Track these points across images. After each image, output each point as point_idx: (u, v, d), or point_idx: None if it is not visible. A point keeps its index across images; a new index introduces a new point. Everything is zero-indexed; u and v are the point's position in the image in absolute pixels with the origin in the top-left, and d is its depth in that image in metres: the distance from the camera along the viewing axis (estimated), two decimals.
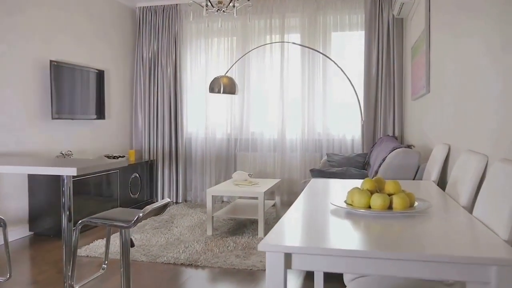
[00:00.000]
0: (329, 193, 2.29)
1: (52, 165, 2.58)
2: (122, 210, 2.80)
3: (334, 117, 5.98)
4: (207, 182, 6.38)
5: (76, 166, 2.48)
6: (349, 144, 5.94)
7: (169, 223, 5.01)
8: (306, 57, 6.01)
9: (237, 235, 4.47)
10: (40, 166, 2.50)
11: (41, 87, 4.80)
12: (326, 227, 1.57)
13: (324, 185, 2.59)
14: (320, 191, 2.36)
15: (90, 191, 4.89)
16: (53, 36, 4.98)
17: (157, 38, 6.40)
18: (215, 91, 5.18)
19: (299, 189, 6.04)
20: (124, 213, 2.71)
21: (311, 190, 2.39)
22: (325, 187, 2.50)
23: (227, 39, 6.34)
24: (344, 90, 5.93)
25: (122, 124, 6.34)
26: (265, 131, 6.20)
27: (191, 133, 6.49)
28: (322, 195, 2.23)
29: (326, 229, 1.55)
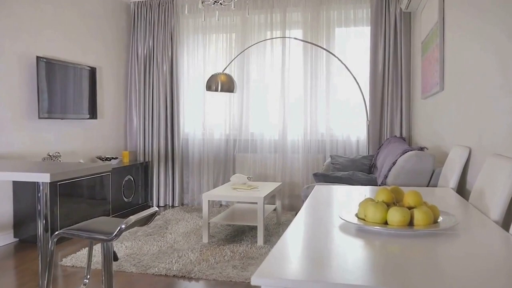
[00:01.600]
0: (335, 203, 2.00)
1: (24, 170, 2.30)
2: (106, 220, 2.52)
3: (338, 117, 5.69)
4: (205, 185, 6.10)
5: (51, 172, 2.19)
6: (354, 145, 5.65)
7: (163, 229, 4.73)
8: (309, 54, 5.72)
9: (235, 243, 4.18)
10: (8, 172, 2.21)
11: (27, 85, 4.52)
12: (334, 250, 1.28)
13: (330, 193, 2.30)
14: (325, 201, 2.07)
15: (80, 195, 4.61)
16: (41, 31, 4.70)
17: (153, 34, 6.12)
18: (213, 89, 4.90)
19: (301, 193, 5.75)
20: (107, 224, 2.42)
21: (315, 199, 2.11)
22: (330, 195, 2.22)
23: (226, 35, 6.06)
24: (348, 89, 5.64)
25: (115, 124, 6.06)
26: (265, 132, 5.91)
27: (188, 134, 6.20)
28: (327, 206, 1.94)
29: (334, 252, 1.26)
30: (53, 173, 2.17)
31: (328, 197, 2.19)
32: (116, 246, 4.06)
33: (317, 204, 1.99)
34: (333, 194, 2.27)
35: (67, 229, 2.32)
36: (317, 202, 2.04)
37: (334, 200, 2.09)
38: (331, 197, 2.19)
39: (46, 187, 2.50)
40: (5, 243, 4.30)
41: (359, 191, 2.37)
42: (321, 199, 2.11)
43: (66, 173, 2.25)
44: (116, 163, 5.57)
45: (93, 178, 4.83)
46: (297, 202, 5.78)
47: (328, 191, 2.35)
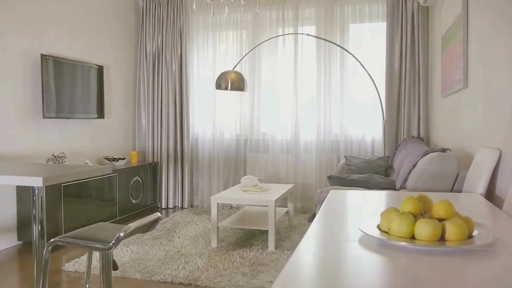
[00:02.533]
0: (353, 211, 1.81)
1: (18, 173, 2.15)
2: (105, 227, 2.35)
3: (352, 116, 5.48)
4: (215, 186, 5.93)
5: (45, 175, 2.03)
6: (369, 146, 5.43)
7: (171, 232, 4.56)
8: (322, 51, 5.52)
9: (245, 248, 4.00)
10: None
11: (31, 84, 4.39)
12: (353, 269, 1.09)
13: (346, 199, 2.11)
14: (342, 208, 1.88)
15: (86, 196, 4.47)
16: (46, 29, 4.56)
17: (161, 31, 5.96)
18: (222, 87, 4.72)
19: (314, 197, 5.55)
20: (105, 231, 2.26)
21: (330, 207, 1.92)
22: (347, 202, 2.02)
23: (236, 32, 5.88)
24: (363, 87, 5.43)
25: (124, 124, 5.92)
26: (277, 132, 5.72)
27: (197, 133, 6.04)
28: (344, 215, 1.75)
29: (352, 272, 1.07)
30: (46, 177, 2.01)
31: (345, 203, 1.99)
32: (121, 250, 3.90)
33: (332, 213, 1.80)
34: (350, 200, 2.08)
35: (62, 236, 2.17)
36: (333, 210, 1.85)
37: (351, 208, 1.90)
38: (347, 203, 2.00)
39: (42, 191, 2.34)
40: (8, 246, 4.17)
41: (378, 196, 2.18)
42: (336, 206, 1.92)
43: (61, 176, 2.09)
44: (124, 163, 5.43)
45: (100, 179, 4.69)
46: (310, 204, 5.59)
47: (344, 197, 2.16)
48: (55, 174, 2.08)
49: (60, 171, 2.17)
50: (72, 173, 2.16)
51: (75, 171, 2.20)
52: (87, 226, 3.90)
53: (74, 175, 2.17)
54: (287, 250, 3.91)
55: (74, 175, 2.17)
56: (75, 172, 2.19)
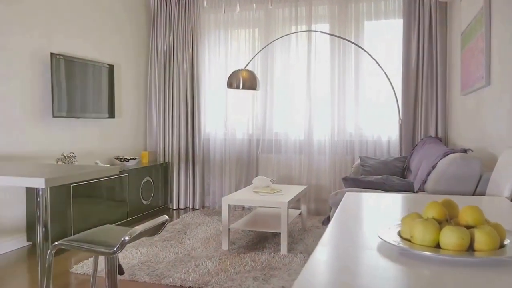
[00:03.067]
0: (371, 215, 1.69)
1: (20, 174, 2.07)
2: (110, 230, 2.27)
3: (367, 116, 5.34)
4: (226, 187, 5.83)
5: (47, 176, 1.95)
6: (384, 146, 5.29)
7: (182, 234, 4.48)
8: (336, 49, 5.39)
9: (257, 251, 3.90)
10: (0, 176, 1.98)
11: (40, 83, 4.33)
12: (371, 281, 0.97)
13: (362, 202, 1.99)
14: (358, 212, 1.76)
15: (96, 197, 4.40)
16: (55, 27, 4.51)
17: (173, 30, 5.89)
18: (234, 86, 4.62)
19: (328, 198, 5.42)
20: (111, 234, 2.17)
21: (345, 210, 1.80)
22: (364, 205, 1.91)
23: (248, 30, 5.78)
24: (379, 86, 5.29)
25: (135, 124, 5.85)
26: (290, 131, 5.61)
27: (209, 133, 5.95)
28: (361, 219, 1.63)
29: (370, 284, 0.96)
30: (49, 178, 1.93)
31: (361, 207, 1.88)
32: (130, 252, 3.83)
33: (348, 217, 1.68)
34: (367, 203, 1.96)
35: (66, 240, 2.08)
36: (348, 214, 1.73)
37: (368, 212, 1.78)
38: (364, 207, 1.88)
39: (46, 192, 2.27)
40: (18, 246, 4.12)
41: (396, 199, 2.06)
42: (352, 210, 1.81)
43: (64, 177, 2.00)
44: (135, 163, 5.36)
45: (110, 179, 4.62)
46: (324, 206, 5.46)
47: (360, 200, 2.04)
48: (59, 175, 2.00)
49: (65, 172, 2.09)
50: (76, 174, 2.07)
51: (79, 172, 2.11)
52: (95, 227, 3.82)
53: (78, 176, 2.09)
54: (300, 254, 3.80)
55: (78, 176, 2.09)
56: (80, 173, 2.10)
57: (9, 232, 4.05)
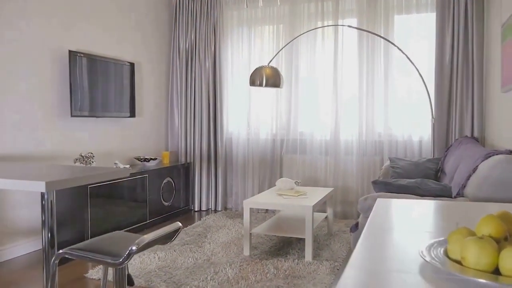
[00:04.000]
0: (407, 227, 1.46)
1: (21, 177, 1.92)
2: (119, 237, 2.10)
3: (398, 115, 5.07)
4: (249, 189, 5.64)
5: (46, 180, 1.79)
6: (415, 146, 5.01)
7: (202, 238, 4.31)
8: (364, 45, 5.14)
9: (280, 257, 3.69)
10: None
11: (58, 81, 4.23)
12: None
13: (397, 209, 1.77)
14: (393, 222, 1.54)
15: (114, 198, 4.28)
16: (74, 23, 4.40)
17: (195, 27, 5.73)
18: (257, 83, 4.43)
19: (355, 200, 5.17)
20: (119, 242, 2.00)
21: (378, 220, 1.58)
22: (398, 214, 1.68)
23: (272, 27, 5.57)
24: (410, 83, 5.01)
25: (156, 123, 5.72)
26: (315, 131, 5.38)
27: (232, 133, 5.77)
28: (397, 231, 1.41)
29: None
30: (50, 182, 1.77)
31: (396, 216, 1.65)
32: (148, 256, 3.67)
33: (381, 229, 1.46)
34: (401, 211, 1.74)
35: (71, 248, 1.93)
36: (381, 226, 1.51)
37: (404, 222, 1.56)
38: (399, 216, 1.65)
39: (52, 195, 2.12)
40: (34, 249, 4.03)
41: (435, 207, 1.82)
42: (386, 220, 1.59)
43: (67, 181, 1.84)
44: (155, 164, 5.22)
45: (129, 180, 4.49)
46: (351, 209, 5.21)
47: (394, 207, 1.81)
48: (63, 177, 1.84)
49: (71, 175, 1.93)
50: (81, 177, 1.91)
51: (85, 175, 1.95)
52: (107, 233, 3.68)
53: (83, 179, 1.93)
54: (325, 261, 3.57)
55: (83, 179, 1.93)
56: (85, 176, 1.94)
57: (25, 234, 3.95)
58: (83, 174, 1.98)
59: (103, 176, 2.05)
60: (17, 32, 3.82)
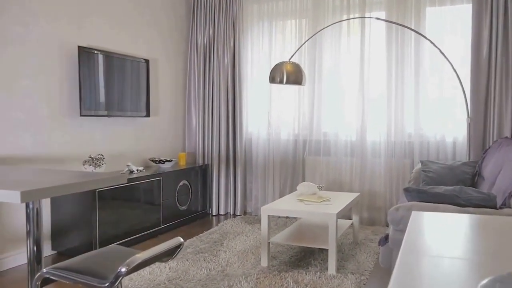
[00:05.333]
0: (455, 251, 1.14)
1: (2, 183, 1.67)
2: (114, 254, 1.84)
3: (429, 114, 4.70)
4: (270, 192, 5.35)
5: (23, 189, 1.54)
6: (449, 148, 4.63)
7: (218, 245, 4.04)
8: (394, 39, 4.78)
9: (301, 269, 3.39)
10: None
11: (67, 78, 4.02)
12: None
13: (436, 225, 1.45)
14: (435, 242, 1.22)
15: (125, 202, 4.04)
16: (84, 18, 4.19)
17: (213, 22, 5.47)
18: (277, 80, 4.13)
19: (383, 206, 4.82)
20: (111, 260, 1.74)
21: (417, 240, 1.26)
22: (440, 231, 1.36)
23: (295, 21, 5.27)
24: (443, 79, 4.63)
25: (172, 123, 5.48)
26: (340, 131, 5.04)
27: (251, 133, 5.49)
28: (441, 256, 1.09)
29: None
30: (26, 191, 1.52)
31: (436, 234, 1.33)
32: (158, 266, 3.42)
33: (420, 252, 1.15)
34: (444, 227, 1.42)
35: (54, 267, 1.67)
36: (420, 247, 1.20)
37: (449, 243, 1.24)
38: (442, 234, 1.33)
39: (38, 203, 1.87)
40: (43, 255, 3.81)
41: (484, 222, 1.49)
42: (426, 240, 1.27)
43: (49, 190, 1.58)
44: (171, 166, 4.98)
45: (142, 182, 4.25)
46: (378, 215, 4.86)
47: (433, 222, 1.49)
48: (44, 186, 1.58)
49: (56, 182, 1.68)
50: (67, 186, 1.65)
51: (74, 183, 1.69)
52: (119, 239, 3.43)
53: (70, 187, 1.67)
54: (351, 274, 3.25)
55: (70, 187, 1.67)
56: (72, 184, 1.68)
57: None
58: (70, 181, 1.72)
59: (93, 184, 1.79)
60: (23, 27, 3.62)
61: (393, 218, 2.31)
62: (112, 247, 1.94)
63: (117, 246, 1.96)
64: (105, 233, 3.82)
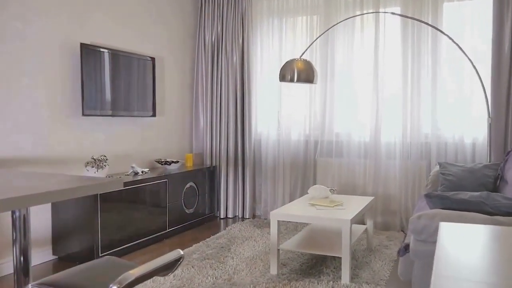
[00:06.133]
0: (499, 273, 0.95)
1: None
2: (108, 266, 1.67)
3: (447, 113, 4.48)
4: (280, 195, 5.16)
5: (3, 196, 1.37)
6: (468, 149, 4.40)
7: (225, 251, 3.86)
8: (410, 35, 4.57)
9: (312, 277, 3.20)
10: None
11: (68, 76, 3.87)
12: None
13: (472, 240, 1.25)
14: (471, 265, 1.02)
15: (129, 205, 3.88)
16: (86, 14, 4.04)
17: (221, 18, 5.29)
18: (287, 79, 3.94)
19: (398, 210, 4.60)
20: (103, 275, 1.57)
21: (450, 263, 1.07)
22: (477, 249, 1.16)
23: (306, 18, 5.07)
24: (462, 77, 4.41)
25: (179, 123, 5.31)
26: (353, 132, 4.84)
27: (261, 134, 5.31)
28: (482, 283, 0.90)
29: None
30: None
31: (476, 252, 1.14)
32: None
33: (459, 277, 0.96)
34: (481, 243, 1.22)
35: (40, 283, 1.50)
36: (458, 270, 1.00)
37: (490, 264, 1.05)
38: (481, 252, 1.14)
39: (25, 209, 1.71)
40: (43, 260, 3.68)
41: None
42: (463, 260, 1.08)
43: (28, 198, 1.41)
44: (177, 167, 4.81)
45: (146, 185, 4.09)
46: (393, 219, 4.65)
47: (468, 235, 1.30)
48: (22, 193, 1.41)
49: (39, 188, 1.51)
50: (50, 193, 1.48)
51: (57, 190, 1.52)
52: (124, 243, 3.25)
53: (54, 195, 1.49)
54: (365, 284, 3.06)
55: (54, 195, 1.49)
56: (56, 192, 1.51)
57: (34, 245, 3.61)
58: (56, 187, 1.55)
59: (84, 190, 1.62)
60: (22, 23, 3.47)
61: (415, 228, 2.12)
62: (106, 259, 1.77)
63: (111, 258, 1.79)
64: (108, 238, 3.66)
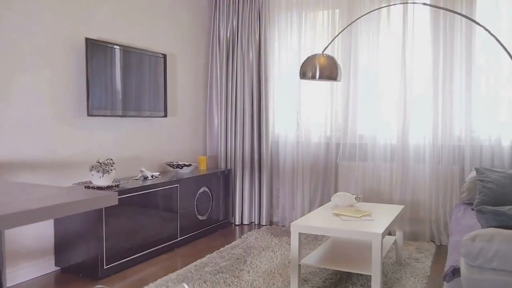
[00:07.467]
0: None
1: None
2: None
3: (483, 114, 4.11)
4: (299, 201, 4.83)
5: None
6: (506, 153, 4.03)
7: (240, 263, 3.55)
8: (441, 28, 4.21)
9: None
10: None
11: (73, 74, 3.60)
12: None
13: None
14: None
15: (137, 212, 3.60)
16: (94, 8, 3.76)
17: (237, 13, 4.99)
18: (308, 76, 3.61)
19: (428, 219, 4.23)
20: None
21: None
22: None
23: (327, 12, 4.74)
24: (499, 73, 4.03)
25: (192, 124, 5.02)
26: (378, 134, 4.49)
27: (278, 135, 4.99)
28: None
29: None
30: None
31: None
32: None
33: None
34: None
35: None
36: None
37: None
38: None
39: None
40: (45, 272, 3.41)
41: None
42: None
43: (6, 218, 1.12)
44: (190, 171, 4.52)
45: (156, 190, 3.81)
46: (422, 229, 4.28)
47: None
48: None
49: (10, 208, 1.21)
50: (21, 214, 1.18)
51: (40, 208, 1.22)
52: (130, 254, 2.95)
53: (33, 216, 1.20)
54: None
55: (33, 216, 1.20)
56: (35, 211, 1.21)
57: (36, 255, 3.34)
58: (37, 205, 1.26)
59: (67, 208, 1.32)
60: (18, 16, 3.20)
61: (469, 252, 1.77)
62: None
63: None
64: (115, 247, 3.38)
